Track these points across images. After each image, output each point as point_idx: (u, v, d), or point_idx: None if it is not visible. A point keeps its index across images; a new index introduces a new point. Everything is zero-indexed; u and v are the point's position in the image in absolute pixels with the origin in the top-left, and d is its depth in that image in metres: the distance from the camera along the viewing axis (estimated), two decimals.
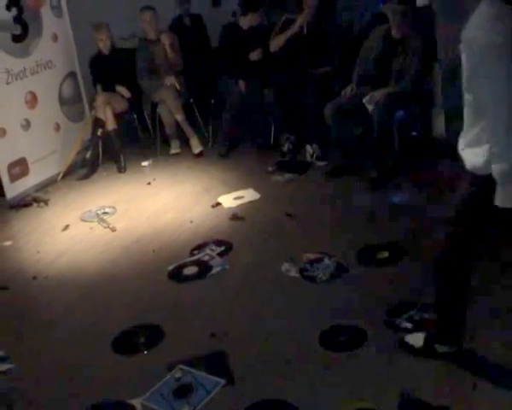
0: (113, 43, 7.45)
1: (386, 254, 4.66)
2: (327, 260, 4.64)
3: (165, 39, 7.40)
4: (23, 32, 6.80)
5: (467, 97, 2.95)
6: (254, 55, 7.23)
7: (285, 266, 4.67)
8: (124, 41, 8.15)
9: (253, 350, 3.80)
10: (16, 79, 6.72)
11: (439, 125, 6.31)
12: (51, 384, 3.79)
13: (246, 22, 7.28)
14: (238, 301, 4.36)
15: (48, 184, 7.05)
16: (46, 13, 7.13)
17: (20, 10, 6.72)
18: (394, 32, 5.94)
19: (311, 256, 4.73)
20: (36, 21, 6.99)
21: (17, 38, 6.75)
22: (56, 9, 7.28)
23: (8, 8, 6.61)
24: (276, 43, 6.98)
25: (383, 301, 4.06)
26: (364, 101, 5.86)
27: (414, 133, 6.36)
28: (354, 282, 4.39)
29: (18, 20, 6.71)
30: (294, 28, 6.84)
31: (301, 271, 4.59)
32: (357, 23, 7.56)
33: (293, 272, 4.59)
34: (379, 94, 5.86)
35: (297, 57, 6.92)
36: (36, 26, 6.98)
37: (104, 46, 7.26)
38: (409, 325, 3.78)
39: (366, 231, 5.08)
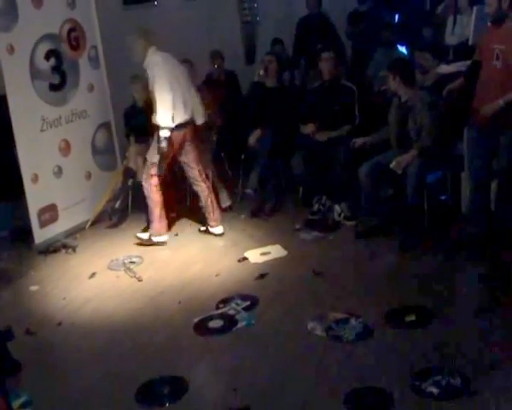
0: (147, 95, 7.55)
1: (413, 317, 4.63)
2: (353, 321, 4.62)
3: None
4: (61, 81, 6.95)
5: None
6: (252, 140, 7.28)
7: (311, 325, 4.65)
8: None
9: (276, 407, 3.78)
10: (51, 126, 6.83)
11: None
12: None
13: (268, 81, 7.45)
14: (263, 357, 4.35)
15: (76, 231, 7.09)
16: (84, 64, 7.26)
17: (60, 60, 6.89)
18: (402, 96, 6.06)
19: (338, 316, 4.71)
20: (74, 71, 7.13)
21: (55, 87, 6.88)
22: (94, 61, 7.42)
23: (48, 57, 6.77)
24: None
25: (409, 364, 4.03)
26: (392, 166, 5.84)
27: (443, 197, 6.35)
28: (380, 343, 4.36)
29: (57, 69, 6.87)
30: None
31: (327, 330, 4.57)
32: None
33: (319, 331, 4.57)
34: (404, 159, 5.85)
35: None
36: (73, 76, 7.12)
37: (140, 98, 7.37)
38: (435, 390, 3.74)
39: (394, 292, 5.06)
